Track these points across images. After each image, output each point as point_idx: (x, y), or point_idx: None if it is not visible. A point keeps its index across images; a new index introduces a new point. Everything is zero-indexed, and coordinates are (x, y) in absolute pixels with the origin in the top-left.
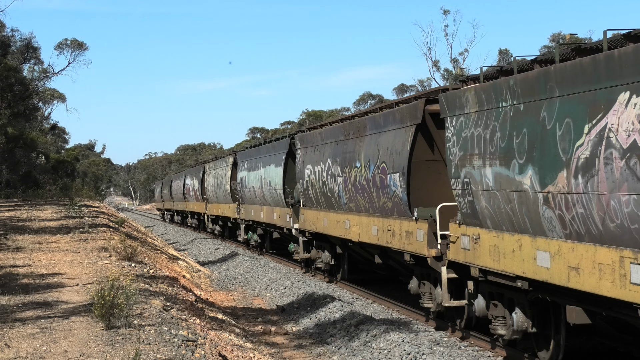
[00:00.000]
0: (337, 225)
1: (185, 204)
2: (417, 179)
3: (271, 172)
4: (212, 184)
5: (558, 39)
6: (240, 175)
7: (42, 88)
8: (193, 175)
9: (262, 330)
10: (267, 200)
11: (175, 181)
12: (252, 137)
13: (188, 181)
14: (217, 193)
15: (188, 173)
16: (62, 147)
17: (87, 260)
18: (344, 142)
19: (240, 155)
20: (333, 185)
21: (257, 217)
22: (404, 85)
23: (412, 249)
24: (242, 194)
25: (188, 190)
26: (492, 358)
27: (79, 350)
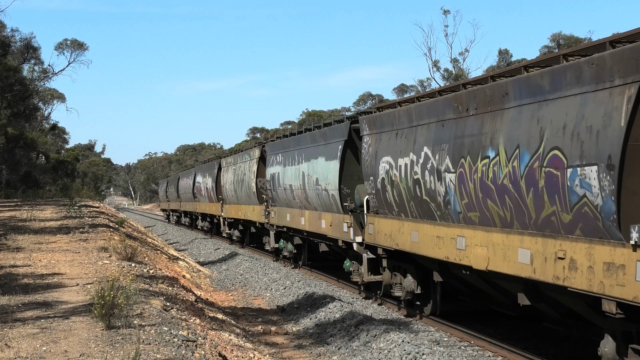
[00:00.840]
0: (438, 243)
1: (196, 204)
2: (634, 176)
3: (320, 168)
4: (230, 181)
5: (558, 39)
6: (271, 172)
7: (42, 88)
8: (205, 172)
9: (262, 330)
10: (312, 203)
11: (184, 179)
12: (252, 137)
13: (199, 179)
14: (237, 192)
15: (199, 170)
16: (62, 147)
17: (87, 260)
18: (457, 122)
19: (270, 146)
20: (436, 186)
21: (294, 223)
22: (404, 85)
23: (620, 294)
24: (274, 194)
25: (199, 189)
26: (492, 358)
27: (79, 350)
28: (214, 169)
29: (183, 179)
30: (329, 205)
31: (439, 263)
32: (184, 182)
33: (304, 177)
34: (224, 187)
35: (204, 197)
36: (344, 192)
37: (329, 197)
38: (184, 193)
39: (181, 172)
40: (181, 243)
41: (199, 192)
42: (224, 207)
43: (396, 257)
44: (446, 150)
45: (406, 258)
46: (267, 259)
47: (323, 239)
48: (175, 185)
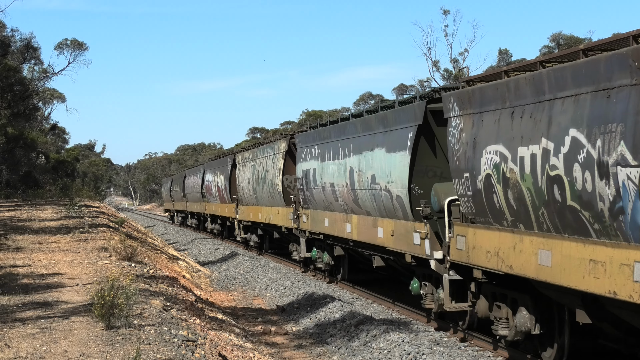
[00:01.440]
0: (592, 270)
1: (205, 205)
2: None
3: (378, 162)
4: (248, 179)
5: (558, 39)
6: (304, 168)
7: (42, 88)
8: (216, 169)
9: (262, 330)
10: (364, 206)
11: (191, 177)
12: (252, 137)
13: (209, 177)
14: (257, 192)
15: (209, 167)
16: (62, 147)
17: (87, 260)
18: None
19: (302, 138)
20: (596, 186)
21: (335, 230)
22: (403, 85)
23: None
24: (306, 194)
25: (209, 188)
26: (492, 358)
27: (79, 350)
28: (227, 166)
29: (190, 178)
30: (390, 209)
31: (589, 298)
32: (191, 180)
33: (352, 173)
34: (239, 185)
35: (215, 197)
36: (416, 193)
37: (392, 200)
38: (191, 192)
39: (188, 170)
40: (181, 243)
41: (209, 191)
42: (239, 208)
43: (501, 282)
44: (619, 134)
45: (518, 285)
46: (289, 268)
47: (378, 251)
48: (180, 184)
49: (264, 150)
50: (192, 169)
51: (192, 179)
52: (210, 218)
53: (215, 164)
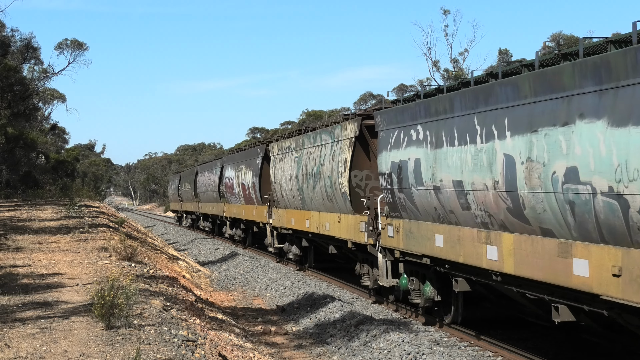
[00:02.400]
0: None
1: (223, 206)
2: None
3: (589, 144)
4: (289, 176)
5: (558, 39)
6: (396, 158)
7: (42, 88)
8: (240, 163)
9: (262, 330)
10: (540, 219)
11: (204, 174)
12: (252, 137)
13: (230, 173)
14: (303, 192)
15: (230, 161)
16: (62, 147)
17: (87, 260)
18: None
19: (389, 115)
20: None
21: (464, 254)
22: (403, 85)
23: None
24: (398, 197)
25: (229, 186)
26: (492, 358)
27: (79, 350)
28: (256, 159)
29: (203, 174)
30: (612, 226)
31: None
32: (205, 178)
33: (510, 166)
34: (275, 184)
35: (238, 197)
36: None
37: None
38: (205, 192)
39: (200, 166)
40: (181, 243)
41: (229, 190)
42: (274, 212)
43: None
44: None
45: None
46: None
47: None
48: (191, 181)
49: (317, 137)
50: (206, 165)
51: (206, 176)
52: (230, 222)
53: (239, 157)
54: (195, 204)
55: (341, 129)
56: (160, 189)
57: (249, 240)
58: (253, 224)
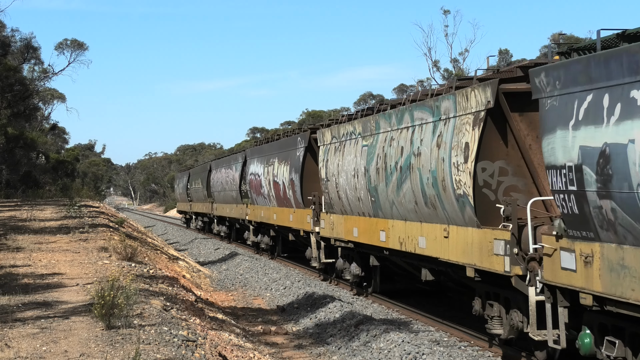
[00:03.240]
0: None
1: (245, 208)
2: None
3: None
4: (353, 171)
5: (558, 38)
6: (600, 140)
7: (42, 88)
8: (271, 156)
9: (262, 330)
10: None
11: (219, 170)
12: (252, 137)
13: (256, 169)
14: (377, 193)
15: (256, 154)
16: (62, 147)
17: (87, 260)
18: None
19: (573, 69)
20: None
21: None
22: (403, 85)
23: None
24: (599, 208)
25: (256, 184)
26: (492, 358)
27: (79, 350)
28: (296, 150)
29: (219, 171)
30: None
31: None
32: (221, 175)
33: None
34: (328, 181)
35: (267, 197)
36: None
37: None
38: (221, 191)
39: (215, 161)
40: (181, 243)
41: (255, 189)
42: (323, 217)
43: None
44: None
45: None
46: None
47: None
48: (203, 179)
49: (405, 116)
50: (223, 160)
51: (222, 172)
52: (255, 227)
53: (269, 148)
54: (208, 205)
55: (456, 100)
56: (160, 189)
57: (279, 249)
58: (288, 232)
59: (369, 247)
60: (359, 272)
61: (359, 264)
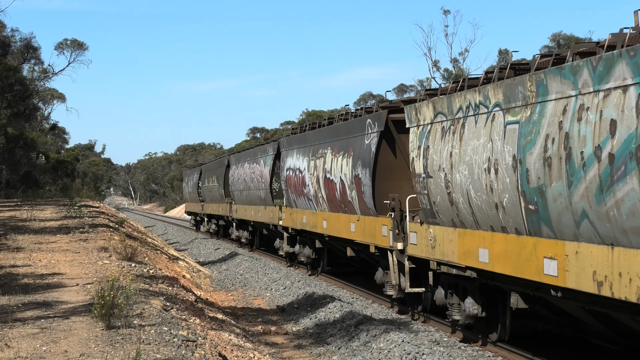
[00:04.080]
0: None
1: (278, 212)
2: None
3: None
4: (483, 162)
5: (558, 39)
6: None
7: (42, 88)
8: (321, 146)
9: (262, 330)
10: None
11: (241, 166)
12: (252, 137)
13: (296, 163)
14: (546, 196)
15: (295, 144)
16: (62, 147)
17: (87, 260)
18: None
19: None
20: None
21: None
22: (403, 85)
23: None
24: None
25: (295, 183)
26: (492, 358)
27: (79, 350)
28: (366, 136)
29: (240, 166)
30: None
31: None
32: (244, 171)
33: None
34: (429, 179)
35: (316, 199)
36: None
37: None
38: (244, 190)
39: (235, 155)
40: (181, 243)
41: (295, 188)
42: (416, 230)
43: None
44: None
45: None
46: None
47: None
48: (219, 176)
49: (614, 67)
50: (246, 153)
51: (245, 168)
52: (292, 235)
53: (316, 136)
54: (226, 206)
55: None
56: (160, 189)
57: (324, 264)
58: (346, 245)
59: (513, 282)
60: (477, 312)
61: (479, 301)
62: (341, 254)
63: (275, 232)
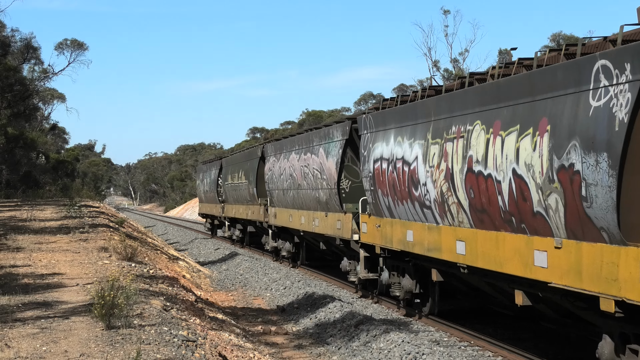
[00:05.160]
0: None
1: (349, 221)
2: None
3: None
4: None
5: (558, 39)
6: None
7: (42, 88)
8: (484, 115)
9: (262, 330)
10: None
11: (284, 156)
12: (253, 137)
13: (397, 150)
14: None
15: (393, 121)
16: (62, 147)
17: (87, 260)
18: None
19: None
20: None
21: None
22: (403, 85)
23: None
24: None
25: (393, 181)
26: (492, 358)
27: (79, 350)
28: (595, 93)
29: (284, 157)
30: None
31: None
32: (289, 164)
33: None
34: None
35: (449, 207)
36: None
37: None
38: (288, 189)
39: (272, 144)
40: (181, 243)
41: (395, 188)
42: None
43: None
44: None
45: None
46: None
47: None
48: (249, 171)
49: None
50: (289, 140)
51: (291, 160)
52: (371, 257)
53: (442, 104)
54: (258, 209)
55: None
56: (160, 189)
57: (433, 303)
58: (502, 285)
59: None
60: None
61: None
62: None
63: (343, 250)
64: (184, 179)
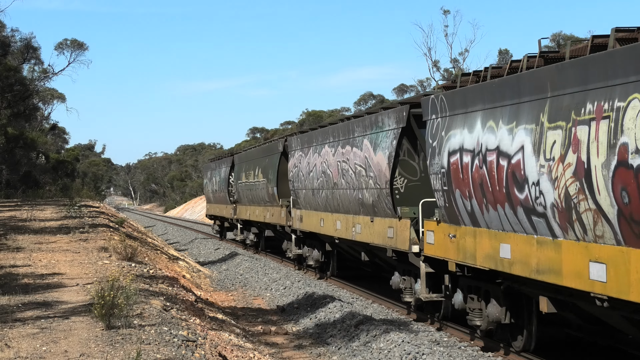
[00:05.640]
0: None
1: (407, 229)
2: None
3: None
4: None
5: (558, 39)
6: None
7: (42, 88)
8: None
9: (262, 330)
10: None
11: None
12: (252, 137)
13: (496, 137)
14: None
15: (480, 101)
16: (62, 147)
17: (87, 260)
18: None
19: None
20: None
21: None
22: (404, 85)
23: None
24: None
25: (492, 179)
26: (492, 358)
27: (79, 350)
28: None
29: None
30: None
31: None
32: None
33: None
34: None
35: (579, 216)
36: None
37: None
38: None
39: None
40: (181, 243)
41: (483, 186)
42: None
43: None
44: None
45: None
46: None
47: None
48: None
49: None
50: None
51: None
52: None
53: (566, 73)
54: (278, 211)
55: None
56: (160, 189)
57: (529, 337)
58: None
59: None
60: None
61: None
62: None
63: (393, 263)
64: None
